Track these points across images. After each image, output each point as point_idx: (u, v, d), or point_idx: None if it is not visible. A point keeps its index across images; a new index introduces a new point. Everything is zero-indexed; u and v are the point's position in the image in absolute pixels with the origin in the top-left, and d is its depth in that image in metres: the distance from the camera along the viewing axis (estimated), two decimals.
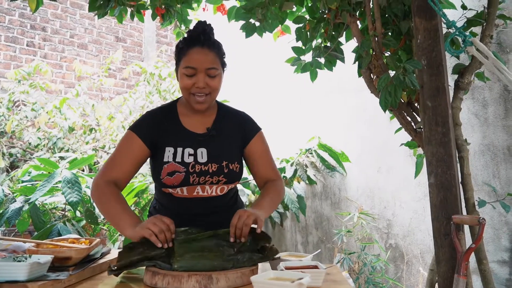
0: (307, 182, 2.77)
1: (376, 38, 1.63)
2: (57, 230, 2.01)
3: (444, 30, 1.52)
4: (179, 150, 1.26)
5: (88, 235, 2.33)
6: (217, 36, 1.37)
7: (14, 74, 3.84)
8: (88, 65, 4.72)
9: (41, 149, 3.86)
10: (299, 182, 2.92)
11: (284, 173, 2.77)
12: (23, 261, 0.87)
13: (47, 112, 3.46)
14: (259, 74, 3.74)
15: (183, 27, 2.39)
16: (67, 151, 3.89)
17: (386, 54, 1.70)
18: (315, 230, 3.03)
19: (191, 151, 1.26)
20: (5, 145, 3.72)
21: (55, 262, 0.95)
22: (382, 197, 2.56)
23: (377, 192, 2.60)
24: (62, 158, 3.43)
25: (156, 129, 1.28)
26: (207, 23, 1.34)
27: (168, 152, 1.25)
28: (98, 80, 4.19)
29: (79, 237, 1.20)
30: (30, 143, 3.75)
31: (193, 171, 1.23)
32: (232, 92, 3.92)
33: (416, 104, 1.69)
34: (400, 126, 1.74)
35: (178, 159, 1.24)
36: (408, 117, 1.68)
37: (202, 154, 1.26)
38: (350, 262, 2.34)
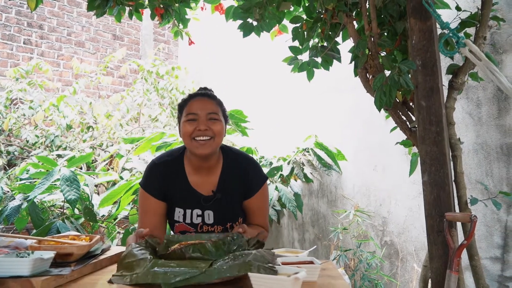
0: (303, 180, 2.79)
1: (372, 38, 1.65)
2: (56, 228, 2.03)
3: (439, 31, 1.55)
4: (188, 211, 1.34)
5: (87, 233, 2.34)
6: (214, 36, 1.42)
7: (13, 72, 3.83)
8: (86, 63, 4.72)
9: (39, 147, 3.86)
10: (296, 180, 2.95)
11: (281, 171, 2.80)
12: (26, 257, 0.89)
13: (44, 110, 3.47)
14: (256, 74, 3.76)
15: (181, 26, 2.40)
16: (65, 149, 3.90)
17: (382, 54, 1.73)
18: (312, 228, 3.06)
19: (199, 212, 1.33)
20: (3, 143, 3.72)
21: (57, 258, 0.97)
22: (377, 195, 2.60)
23: (372, 190, 2.63)
24: (60, 156, 3.44)
25: (165, 184, 1.34)
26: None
27: (178, 213, 1.34)
28: (96, 78, 4.19)
29: (80, 234, 1.22)
30: (27, 141, 3.75)
31: (201, 231, 1.34)
32: (230, 91, 3.94)
33: (411, 104, 1.72)
34: (395, 125, 1.77)
35: (188, 220, 1.34)
36: (403, 116, 1.71)
37: (209, 216, 1.34)
38: (346, 259, 2.37)
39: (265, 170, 2.95)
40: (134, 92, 4.23)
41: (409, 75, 1.50)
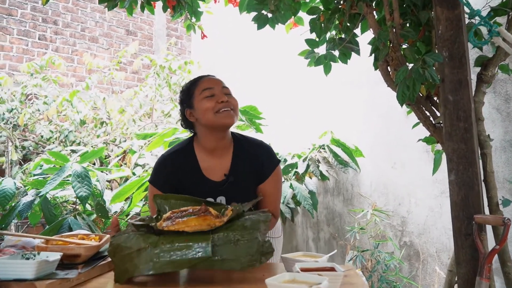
0: (319, 177, 2.71)
1: (394, 29, 1.56)
2: (67, 224, 2.01)
3: (466, 21, 1.45)
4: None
5: (99, 229, 2.33)
6: (228, 30, 1.40)
7: (27, 67, 3.85)
8: (99, 59, 4.72)
9: (53, 142, 3.88)
10: (310, 178, 2.88)
11: (296, 168, 2.73)
12: (32, 258, 0.85)
13: (57, 106, 3.47)
14: (271, 68, 3.68)
15: (193, 20, 2.34)
16: (79, 144, 3.91)
17: (404, 46, 1.64)
18: (327, 227, 2.98)
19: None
20: (18, 138, 3.75)
21: (64, 259, 0.93)
22: (396, 194, 2.50)
23: (391, 189, 2.54)
24: (73, 151, 3.44)
25: (175, 176, 1.30)
26: None
27: None
28: (109, 73, 4.18)
29: (89, 232, 1.18)
30: (42, 136, 3.77)
31: None
32: (244, 86, 3.87)
33: (435, 98, 1.62)
34: (418, 121, 1.68)
35: None
36: (426, 112, 1.61)
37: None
38: (363, 259, 2.29)
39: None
40: (146, 87, 4.20)
41: (434, 68, 1.41)
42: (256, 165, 1.33)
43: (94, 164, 3.38)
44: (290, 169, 2.75)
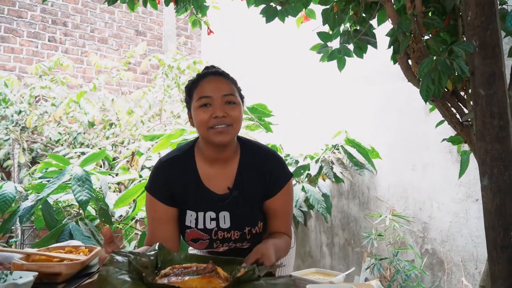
0: (333, 180, 2.57)
1: (416, 18, 1.41)
2: (68, 230, 1.92)
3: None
4: (201, 214, 1.15)
5: (102, 235, 2.23)
6: (237, 28, 1.23)
7: (35, 69, 3.82)
8: (109, 60, 4.67)
9: (62, 145, 3.83)
10: (324, 180, 2.73)
11: (309, 170, 2.58)
12: (3, 279, 0.74)
13: (64, 107, 3.42)
14: (282, 66, 3.54)
15: (199, 15, 2.24)
16: (87, 146, 3.85)
17: (426, 37, 1.49)
18: (342, 231, 2.83)
19: (213, 215, 1.15)
20: (26, 140, 3.72)
21: (43, 278, 0.82)
22: (417, 198, 2.33)
23: (411, 192, 2.37)
24: (83, 153, 3.38)
25: (173, 185, 1.15)
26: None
27: (190, 216, 1.16)
28: (117, 74, 4.12)
29: (79, 244, 1.08)
30: (50, 138, 3.73)
31: (216, 238, 1.16)
32: (254, 85, 3.75)
33: (462, 93, 1.47)
34: (442, 119, 1.52)
35: (200, 225, 1.15)
36: (452, 109, 1.46)
37: (225, 219, 1.15)
38: (381, 268, 2.13)
39: (291, 169, 2.74)
40: (155, 88, 4.13)
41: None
42: (266, 176, 1.17)
43: (100, 166, 3.31)
44: (302, 171, 2.61)
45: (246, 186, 1.16)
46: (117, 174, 2.94)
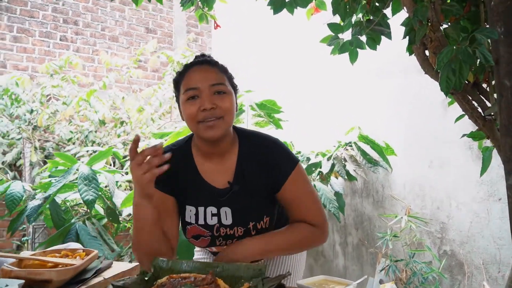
0: (345, 178, 2.48)
1: (433, 5, 1.32)
2: (75, 230, 1.90)
3: None
4: (201, 210, 1.09)
5: (110, 234, 2.21)
6: (244, 17, 1.14)
7: (45, 68, 3.84)
8: (119, 57, 4.67)
9: (74, 143, 3.85)
10: (336, 178, 2.64)
11: (320, 168, 2.50)
12: None
13: (73, 106, 3.42)
14: (292, 60, 3.45)
15: (205, 9, 2.18)
16: (99, 144, 3.86)
17: (444, 26, 1.39)
18: (355, 231, 2.74)
19: (214, 210, 1.08)
20: (39, 140, 3.74)
21: (33, 285, 0.78)
22: (434, 196, 2.23)
23: (428, 190, 2.27)
24: (95, 152, 3.37)
25: (171, 176, 1.06)
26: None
27: (190, 212, 1.09)
28: (127, 72, 4.11)
29: (77, 248, 1.03)
30: (62, 137, 3.74)
31: (218, 235, 1.09)
32: (264, 80, 3.68)
33: (484, 85, 1.37)
34: (461, 113, 1.42)
35: (201, 221, 1.09)
36: (474, 102, 1.36)
37: (226, 215, 1.08)
38: (396, 270, 2.04)
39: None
40: (165, 85, 4.10)
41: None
42: (269, 166, 1.08)
43: (111, 165, 3.30)
44: (313, 168, 2.53)
45: (247, 179, 1.08)
46: (127, 173, 2.92)
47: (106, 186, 2.08)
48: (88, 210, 2.25)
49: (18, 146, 3.61)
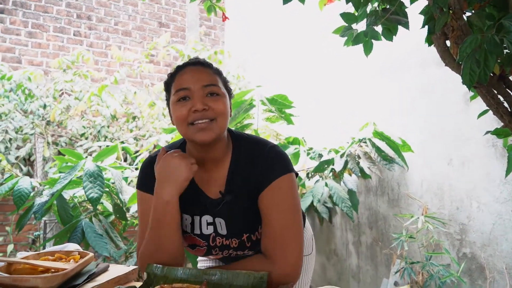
0: (359, 175, 2.38)
1: None
2: (81, 227, 1.88)
3: None
4: (196, 219, 1.03)
5: (117, 231, 2.18)
6: (254, 9, 1.06)
7: (58, 63, 3.86)
8: (132, 52, 4.66)
9: (86, 138, 3.86)
10: (350, 175, 2.55)
11: (333, 165, 2.41)
12: None
13: (85, 101, 3.42)
14: (304, 54, 3.35)
15: (214, 0, 2.11)
16: (111, 140, 3.86)
17: (467, 14, 1.29)
18: (369, 230, 2.64)
19: (210, 219, 1.02)
20: (52, 135, 3.77)
21: None
22: (453, 196, 2.11)
23: (447, 190, 2.15)
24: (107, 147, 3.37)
25: None
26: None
27: (186, 220, 1.04)
28: (139, 66, 4.09)
29: (74, 250, 0.99)
30: (74, 132, 3.76)
31: (214, 245, 1.03)
32: (276, 75, 3.60)
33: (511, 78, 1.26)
34: (485, 108, 1.32)
35: (197, 230, 1.03)
36: (499, 96, 1.25)
37: (221, 225, 1.02)
38: (412, 273, 1.95)
39: (314, 163, 2.58)
40: None
41: None
42: (256, 173, 0.98)
43: (122, 160, 3.29)
44: (326, 165, 2.45)
45: (240, 189, 1.00)
46: (136, 169, 2.90)
47: (113, 183, 2.05)
48: (98, 206, 2.24)
49: (32, 141, 3.65)
